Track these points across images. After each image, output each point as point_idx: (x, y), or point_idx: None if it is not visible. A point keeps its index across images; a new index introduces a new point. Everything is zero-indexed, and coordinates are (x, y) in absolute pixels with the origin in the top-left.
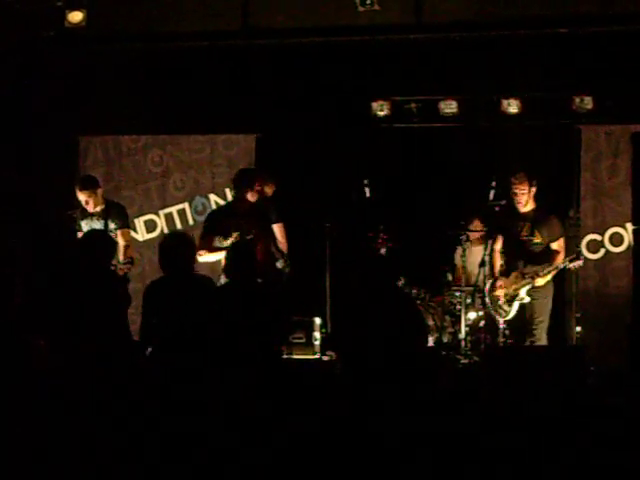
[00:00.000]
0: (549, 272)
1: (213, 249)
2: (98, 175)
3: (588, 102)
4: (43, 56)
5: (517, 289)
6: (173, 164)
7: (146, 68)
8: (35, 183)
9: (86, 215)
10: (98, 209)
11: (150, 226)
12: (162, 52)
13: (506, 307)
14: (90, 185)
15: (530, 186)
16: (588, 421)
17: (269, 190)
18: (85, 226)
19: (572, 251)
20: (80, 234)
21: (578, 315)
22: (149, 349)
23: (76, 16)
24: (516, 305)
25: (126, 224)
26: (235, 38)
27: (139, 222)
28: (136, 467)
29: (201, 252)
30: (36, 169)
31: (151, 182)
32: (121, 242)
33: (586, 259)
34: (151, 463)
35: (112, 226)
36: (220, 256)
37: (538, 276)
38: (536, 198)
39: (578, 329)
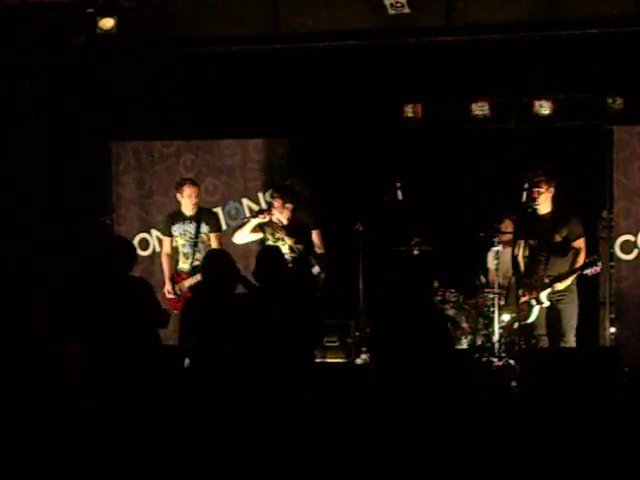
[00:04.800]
0: (569, 276)
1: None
2: (131, 180)
3: (619, 102)
4: (75, 63)
5: (538, 293)
6: (205, 169)
7: (177, 73)
8: (68, 189)
9: (178, 219)
10: (192, 212)
11: None
12: (193, 57)
13: (527, 310)
14: (196, 183)
15: (548, 186)
16: (623, 421)
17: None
18: (177, 230)
19: (603, 255)
20: (170, 240)
21: (612, 316)
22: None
23: (107, 22)
24: (537, 309)
25: (218, 228)
26: (266, 42)
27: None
28: (168, 468)
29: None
30: (69, 175)
31: None
32: (215, 245)
33: (620, 260)
34: (184, 464)
35: (205, 229)
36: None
37: (558, 281)
38: (554, 200)
39: (612, 330)
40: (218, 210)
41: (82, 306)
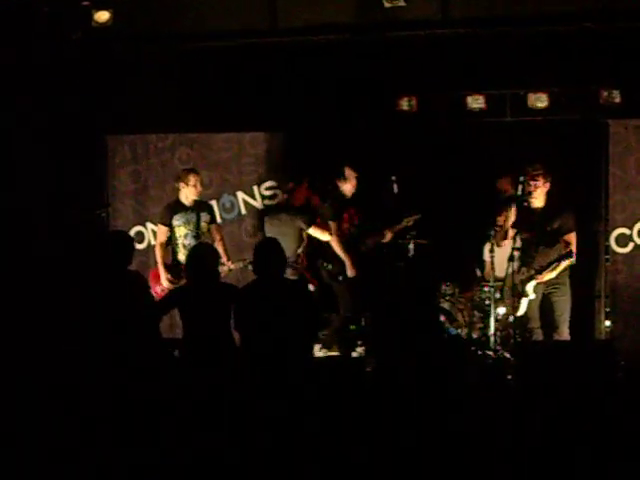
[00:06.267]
0: (552, 268)
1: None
2: (126, 174)
3: (616, 96)
4: (70, 56)
5: (523, 286)
6: (201, 162)
7: (173, 67)
8: (63, 182)
9: (179, 209)
10: (192, 203)
11: None
12: (189, 51)
13: (516, 302)
14: (198, 172)
15: (545, 180)
16: (618, 415)
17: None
18: (180, 219)
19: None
20: (166, 229)
21: (608, 309)
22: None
23: (103, 16)
24: (525, 302)
25: (215, 219)
26: (263, 36)
27: None
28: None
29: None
30: (64, 168)
31: None
32: (218, 236)
33: (615, 253)
34: (179, 462)
35: (205, 219)
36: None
37: (540, 273)
38: (549, 194)
39: (608, 323)
40: (213, 203)
41: (80, 300)
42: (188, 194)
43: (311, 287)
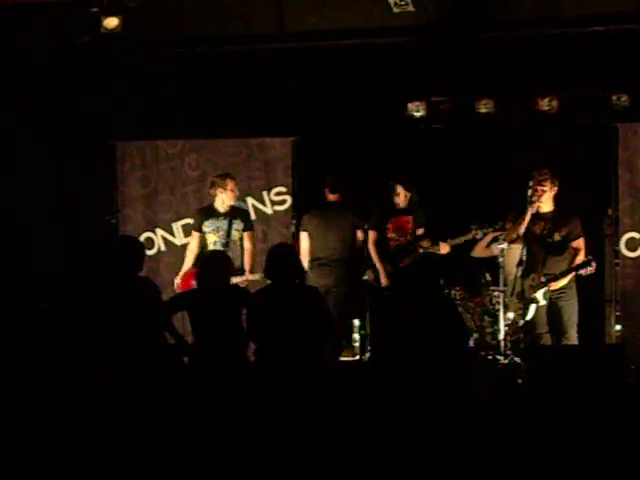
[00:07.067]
0: (564, 276)
1: None
2: (136, 180)
3: (625, 100)
4: (79, 62)
5: (534, 292)
6: (210, 168)
7: (182, 73)
8: (73, 189)
9: (211, 215)
10: (227, 209)
11: (188, 230)
12: (197, 57)
13: (523, 308)
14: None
15: (552, 185)
16: (628, 419)
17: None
18: (211, 226)
19: (609, 252)
20: (199, 235)
21: (618, 314)
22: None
23: (112, 22)
24: (533, 307)
25: (251, 227)
26: (271, 41)
27: (177, 226)
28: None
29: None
30: (74, 175)
31: (188, 186)
32: (248, 245)
33: (625, 257)
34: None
35: (237, 226)
36: None
37: (554, 280)
38: (557, 199)
39: (618, 327)
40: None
41: (88, 306)
42: (225, 199)
43: None
